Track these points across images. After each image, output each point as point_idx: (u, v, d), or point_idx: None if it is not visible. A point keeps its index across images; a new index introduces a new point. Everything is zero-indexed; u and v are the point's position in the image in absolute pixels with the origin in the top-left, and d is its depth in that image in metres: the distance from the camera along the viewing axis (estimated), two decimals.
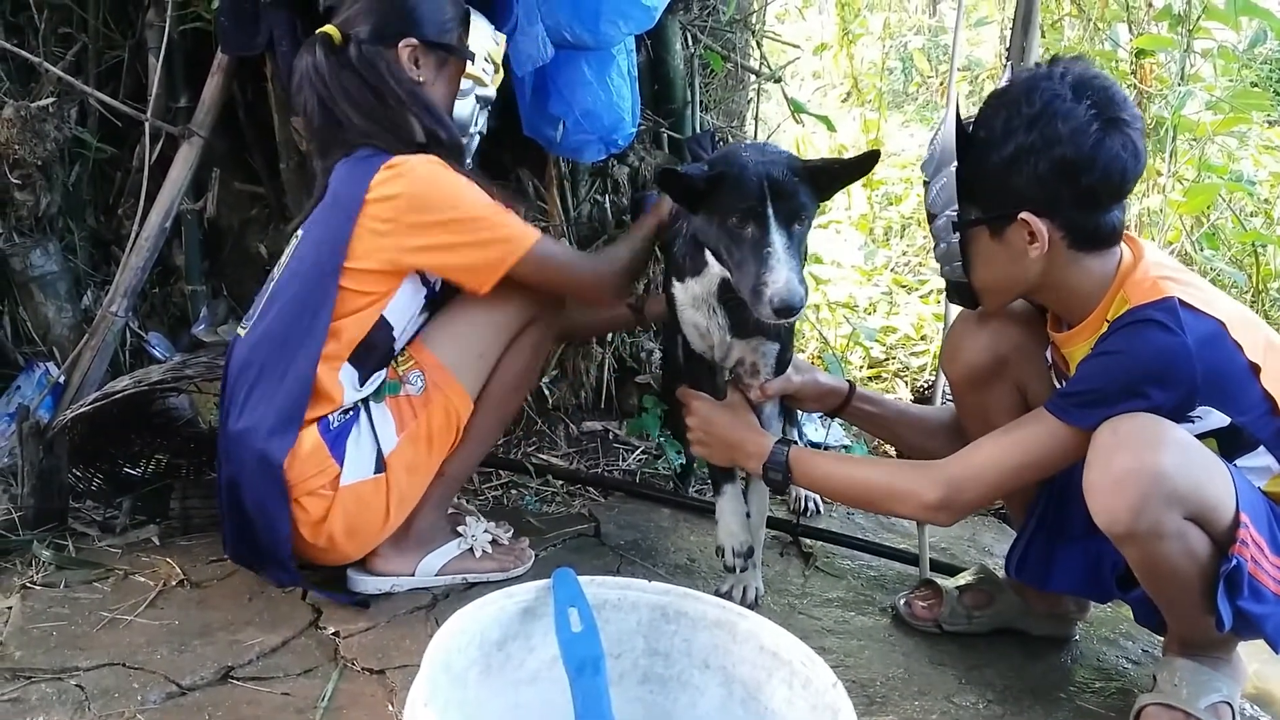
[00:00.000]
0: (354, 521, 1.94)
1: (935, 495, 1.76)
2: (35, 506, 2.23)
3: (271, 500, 1.89)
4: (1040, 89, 1.66)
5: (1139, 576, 1.68)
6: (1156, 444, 1.55)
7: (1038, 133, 1.64)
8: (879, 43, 6.23)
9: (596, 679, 1.35)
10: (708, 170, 1.80)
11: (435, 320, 2.06)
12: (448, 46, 2.05)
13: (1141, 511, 1.54)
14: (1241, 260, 4.05)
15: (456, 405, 2.00)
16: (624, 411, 3.02)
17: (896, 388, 3.76)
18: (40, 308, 2.77)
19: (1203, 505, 1.57)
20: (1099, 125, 1.62)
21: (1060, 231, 1.69)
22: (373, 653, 1.84)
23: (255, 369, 1.93)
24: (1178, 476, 1.54)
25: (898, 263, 4.93)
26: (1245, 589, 1.58)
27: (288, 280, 1.99)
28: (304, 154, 2.68)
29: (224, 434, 1.95)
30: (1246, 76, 5.03)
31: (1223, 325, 1.62)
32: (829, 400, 2.14)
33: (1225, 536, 1.59)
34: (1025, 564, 1.92)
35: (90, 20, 2.81)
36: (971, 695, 1.87)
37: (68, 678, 1.70)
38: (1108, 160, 1.63)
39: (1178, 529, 1.56)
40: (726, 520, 2.08)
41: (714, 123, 3.07)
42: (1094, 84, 1.65)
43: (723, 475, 2.08)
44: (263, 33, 2.42)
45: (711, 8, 2.97)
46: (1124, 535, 1.58)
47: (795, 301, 1.66)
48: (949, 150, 1.73)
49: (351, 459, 1.92)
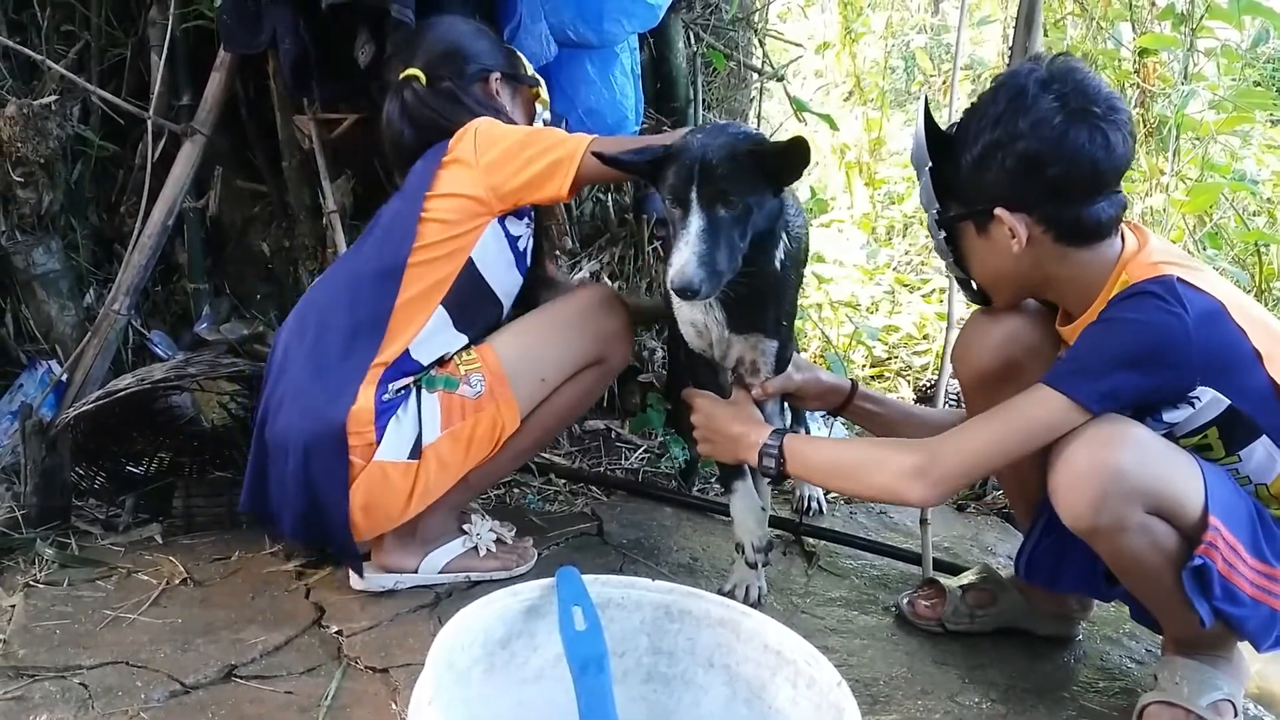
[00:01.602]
0: (374, 498, 1.94)
1: (912, 461, 1.71)
2: (38, 505, 2.23)
3: (334, 462, 1.91)
4: (1007, 85, 1.67)
5: (1115, 572, 1.69)
6: (1114, 441, 1.57)
7: (1002, 128, 1.65)
8: (881, 41, 6.23)
9: (600, 677, 1.35)
10: (660, 152, 1.80)
11: (511, 330, 2.08)
12: (519, 76, 2.24)
13: (1101, 507, 1.55)
14: (1244, 260, 4.04)
15: (505, 420, 2.00)
16: (626, 410, 3.02)
17: (899, 387, 3.76)
18: (43, 306, 2.77)
19: (1165, 500, 1.58)
20: (1063, 117, 1.61)
21: (1040, 226, 1.69)
22: (376, 651, 1.84)
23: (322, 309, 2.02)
24: (1136, 471, 1.56)
25: (900, 262, 4.93)
26: (1217, 589, 1.58)
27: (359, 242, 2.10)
28: (306, 152, 2.68)
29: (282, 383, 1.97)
30: (1250, 75, 5.02)
31: (1223, 306, 1.61)
32: (830, 398, 2.14)
33: (1195, 533, 1.59)
34: (1034, 564, 1.91)
35: (93, 18, 2.81)
36: (975, 694, 1.87)
37: (71, 676, 1.70)
38: (1072, 152, 1.62)
39: (1140, 523, 1.58)
40: (742, 517, 2.08)
41: (716, 121, 3.07)
42: (1065, 78, 1.64)
43: (733, 473, 2.08)
44: (265, 31, 2.43)
45: (714, 6, 2.97)
46: (1088, 531, 1.60)
47: (687, 284, 1.66)
48: (922, 152, 1.77)
49: (391, 436, 1.93)
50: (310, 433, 1.90)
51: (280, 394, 1.96)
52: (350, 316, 1.97)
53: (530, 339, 2.06)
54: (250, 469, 2.01)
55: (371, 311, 1.96)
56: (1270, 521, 1.66)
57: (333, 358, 1.95)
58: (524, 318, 2.10)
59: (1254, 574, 1.61)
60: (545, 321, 2.09)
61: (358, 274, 2.02)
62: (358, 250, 2.10)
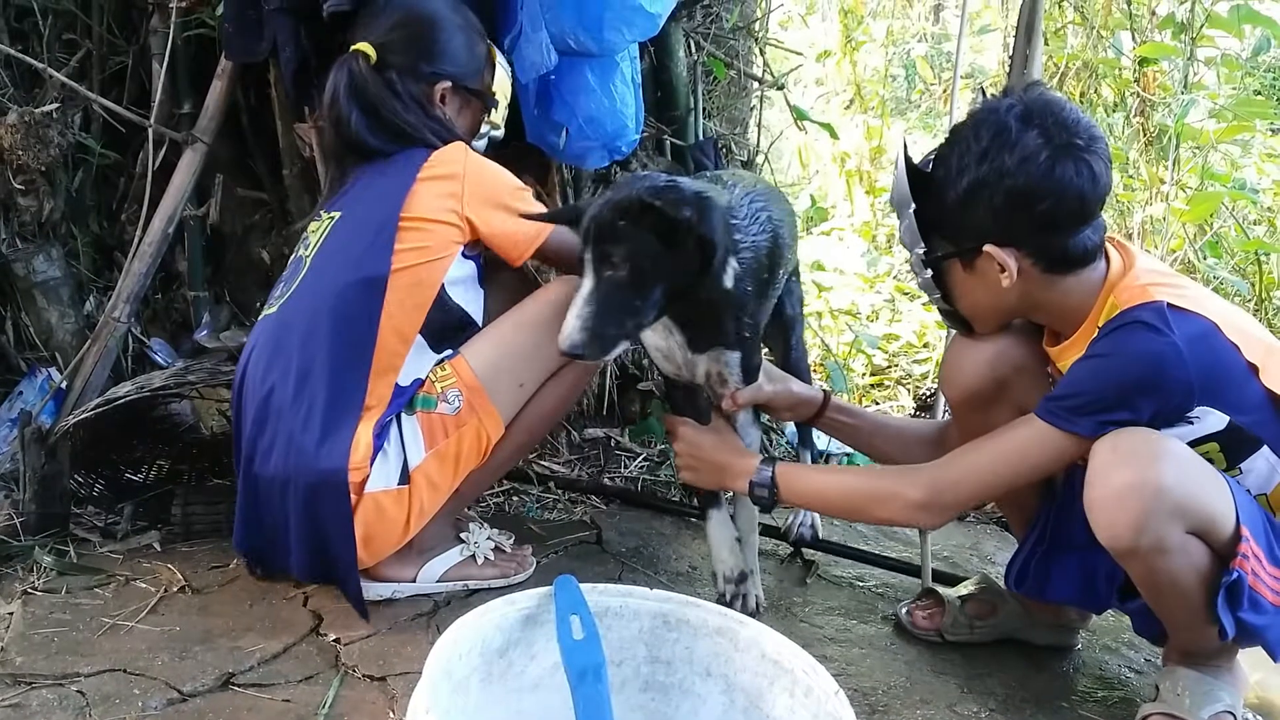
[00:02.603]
0: (372, 529, 1.92)
1: (919, 495, 1.75)
2: (37, 512, 2.23)
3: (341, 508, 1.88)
4: (988, 121, 1.67)
5: (1142, 590, 1.68)
6: (1155, 459, 1.55)
7: (988, 165, 1.65)
8: (882, 50, 6.23)
9: (598, 686, 1.35)
10: (573, 213, 1.82)
11: (481, 340, 2.04)
12: (477, 92, 2.16)
13: (1144, 527, 1.54)
14: (1244, 269, 4.04)
15: (489, 430, 1.99)
16: (626, 418, 3.02)
17: (899, 395, 3.76)
18: (43, 313, 2.78)
19: (1203, 518, 1.57)
20: (1048, 153, 1.62)
21: (1029, 259, 1.70)
22: (374, 660, 1.84)
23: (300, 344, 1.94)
24: (1178, 490, 1.54)
25: (900, 270, 4.93)
26: (1245, 601, 1.58)
27: (326, 256, 2.01)
28: (307, 160, 2.68)
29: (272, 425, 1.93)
30: (1249, 84, 5.02)
31: (1215, 325, 1.61)
32: (802, 410, 2.13)
33: (1226, 548, 1.59)
34: (1024, 576, 1.91)
35: (94, 26, 2.82)
36: (973, 704, 1.87)
37: (69, 684, 1.70)
38: (1061, 186, 1.63)
39: (1180, 543, 1.57)
40: (717, 547, 2.09)
41: (717, 129, 3.08)
42: (1044, 111, 1.65)
43: (709, 499, 2.08)
44: (267, 39, 2.42)
45: (715, 15, 2.97)
46: (1127, 551, 1.58)
47: (570, 348, 1.69)
48: (904, 193, 1.76)
49: (378, 466, 1.91)
50: (312, 480, 1.87)
51: (270, 436, 1.91)
52: (333, 346, 1.91)
53: (503, 345, 2.03)
54: (241, 508, 1.99)
55: (354, 340, 1.91)
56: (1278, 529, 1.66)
57: (322, 401, 1.88)
58: (494, 323, 2.06)
59: (1275, 581, 1.61)
60: (516, 325, 2.04)
61: (337, 296, 1.94)
62: (324, 268, 2.01)
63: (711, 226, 1.72)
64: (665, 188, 1.72)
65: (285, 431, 1.90)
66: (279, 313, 2.02)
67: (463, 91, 2.14)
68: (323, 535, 1.90)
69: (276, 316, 2.02)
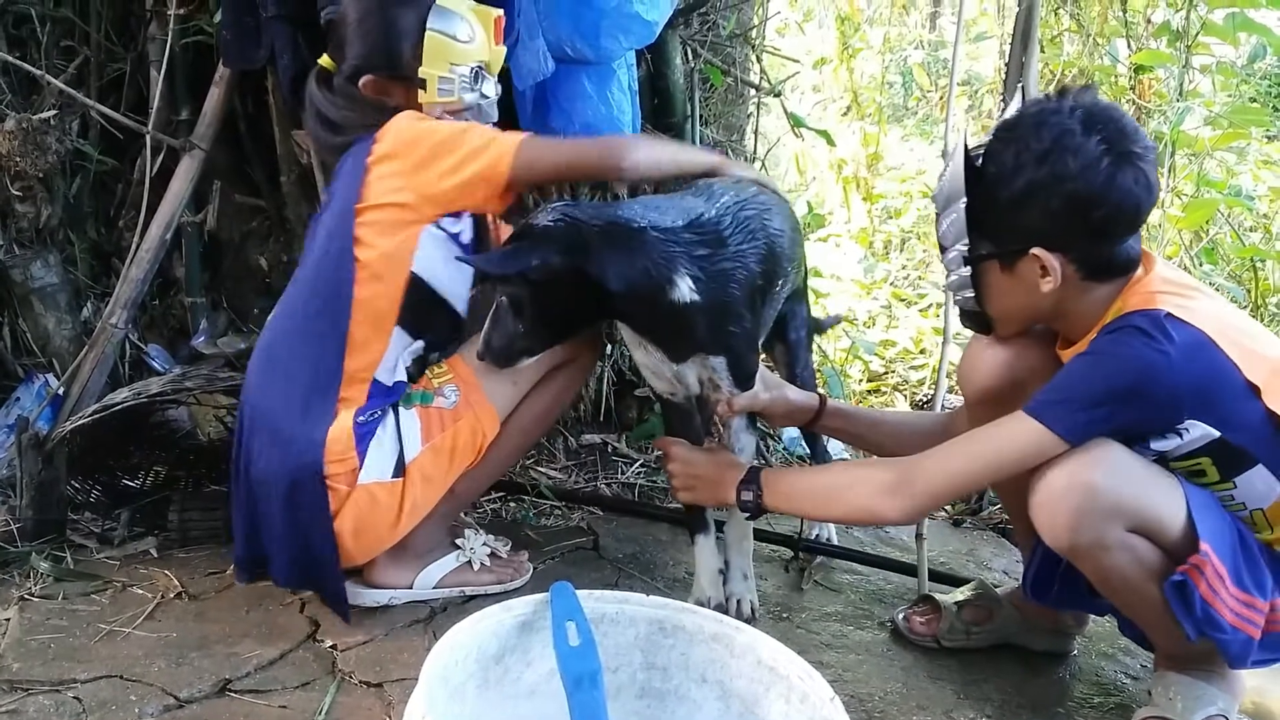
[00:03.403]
0: (364, 522, 1.93)
1: (889, 477, 1.73)
2: (33, 518, 2.23)
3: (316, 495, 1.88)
4: (1049, 123, 1.64)
5: (1100, 590, 1.70)
6: (1091, 461, 1.58)
7: (1048, 168, 1.62)
8: (879, 57, 6.26)
9: (594, 693, 1.35)
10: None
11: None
12: (405, 77, 2.02)
13: (1079, 526, 1.58)
14: (1240, 275, 4.05)
15: (484, 426, 2.01)
16: (623, 424, 3.02)
17: (896, 401, 3.77)
18: (40, 319, 2.78)
19: (1147, 518, 1.59)
20: (1110, 160, 1.60)
21: (1073, 265, 1.68)
22: (370, 665, 1.84)
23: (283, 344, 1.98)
24: (1112, 490, 1.57)
25: (897, 276, 4.94)
26: (1198, 610, 1.58)
27: (303, 270, 2.04)
28: (305, 167, 2.69)
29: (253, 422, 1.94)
30: (1245, 92, 5.04)
31: (1211, 339, 1.60)
32: (799, 416, 2.13)
33: (1179, 551, 1.60)
34: (1039, 585, 1.88)
35: (92, 33, 2.83)
36: (970, 710, 1.87)
37: (65, 690, 1.70)
38: (1120, 195, 1.62)
39: (1120, 540, 1.59)
40: (699, 572, 2.11)
41: (714, 137, 3.08)
42: (1104, 117, 1.64)
43: (698, 523, 2.10)
44: (264, 46, 2.44)
45: (712, 22, 2.98)
46: (1068, 549, 1.62)
47: (479, 355, 1.93)
48: (958, 185, 1.72)
49: (373, 457, 1.92)
50: (290, 466, 1.87)
51: (260, 434, 1.92)
52: (308, 349, 1.94)
53: None
54: (239, 519, 1.98)
55: (325, 346, 1.92)
56: (1254, 548, 1.66)
57: (299, 395, 1.91)
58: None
59: (1235, 602, 1.61)
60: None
61: (306, 303, 1.98)
62: (301, 274, 2.04)
63: (599, 261, 1.79)
64: (531, 228, 1.84)
65: (272, 425, 1.91)
66: (271, 320, 2.08)
67: (385, 78, 2.03)
68: (304, 532, 1.90)
69: (270, 323, 2.08)
